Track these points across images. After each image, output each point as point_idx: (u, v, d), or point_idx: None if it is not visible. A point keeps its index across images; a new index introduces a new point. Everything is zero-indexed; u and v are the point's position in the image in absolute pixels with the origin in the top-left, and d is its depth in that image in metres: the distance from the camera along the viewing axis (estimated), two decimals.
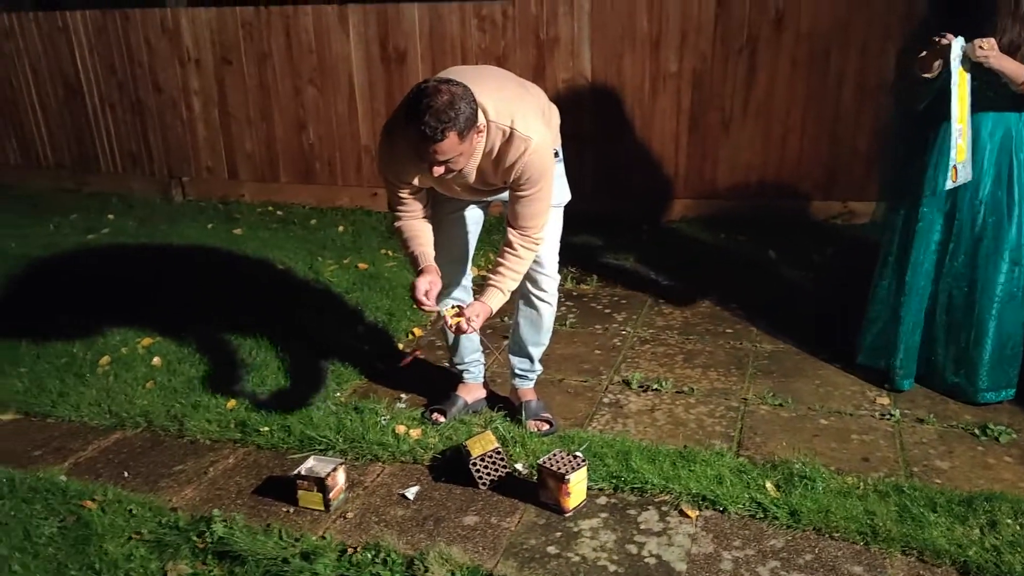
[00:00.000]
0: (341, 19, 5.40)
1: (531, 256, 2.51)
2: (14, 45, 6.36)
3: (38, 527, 2.34)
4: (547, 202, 2.47)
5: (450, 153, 2.20)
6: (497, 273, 2.47)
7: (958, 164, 2.69)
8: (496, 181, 2.46)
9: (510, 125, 2.31)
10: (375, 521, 2.37)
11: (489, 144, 2.35)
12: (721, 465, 2.52)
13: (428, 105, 2.12)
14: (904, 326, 2.97)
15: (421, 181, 2.48)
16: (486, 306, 2.44)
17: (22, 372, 3.34)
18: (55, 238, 5.34)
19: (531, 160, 2.33)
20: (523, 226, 2.45)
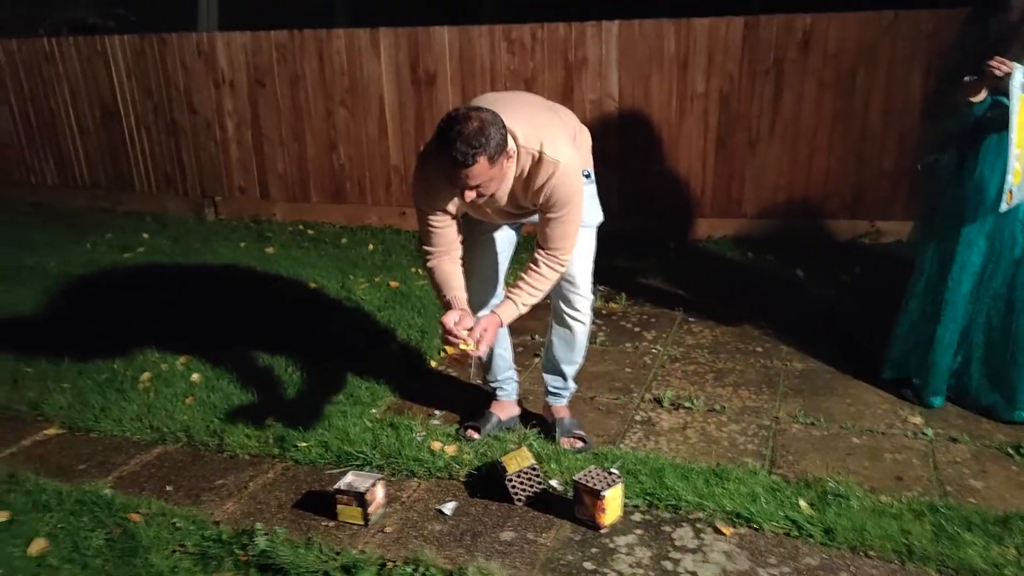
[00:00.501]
0: (373, 42, 5.51)
1: (555, 277, 2.55)
2: (54, 69, 6.54)
3: (86, 539, 2.40)
4: (575, 224, 2.51)
5: (481, 178, 2.27)
6: (517, 287, 2.52)
7: (1014, 187, 2.69)
8: (527, 204, 2.51)
9: (539, 149, 2.38)
10: (413, 535, 2.41)
11: (519, 168, 2.41)
12: (754, 483, 2.54)
13: (459, 132, 2.19)
14: (939, 347, 2.98)
15: (455, 207, 2.54)
16: (496, 318, 2.48)
17: (65, 387, 3.43)
18: (92, 256, 5.47)
19: (559, 183, 2.39)
20: (551, 247, 2.50)
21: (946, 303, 2.94)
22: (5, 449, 3.03)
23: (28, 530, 2.45)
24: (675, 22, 4.93)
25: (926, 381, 3.03)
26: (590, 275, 2.76)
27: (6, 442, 3.08)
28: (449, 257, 2.58)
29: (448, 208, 2.53)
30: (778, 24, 4.78)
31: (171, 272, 5.04)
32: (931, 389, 3.03)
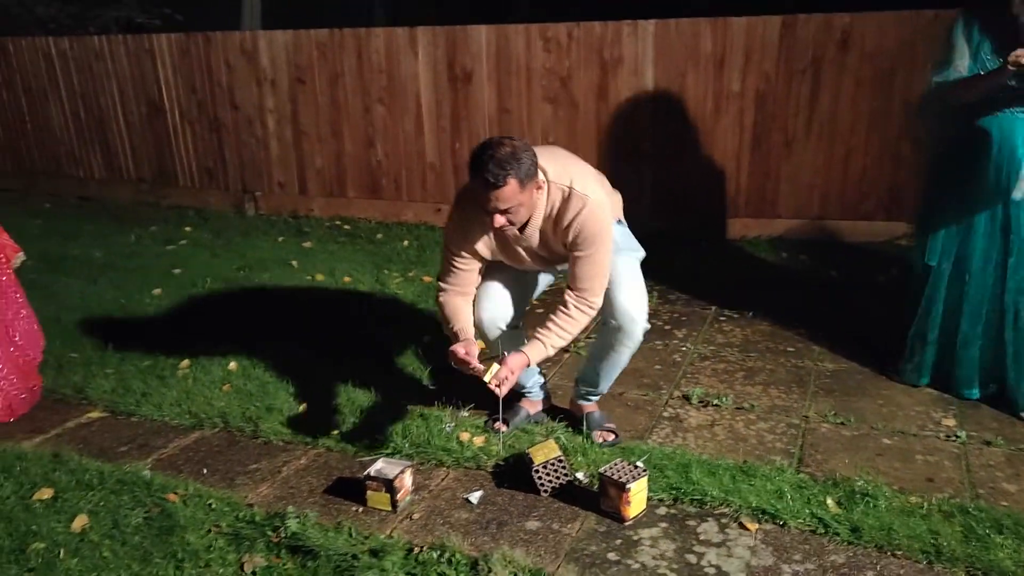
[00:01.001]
0: (411, 40, 5.58)
1: (584, 320, 2.59)
2: (103, 66, 6.72)
3: (126, 517, 2.49)
4: (604, 266, 2.57)
5: (510, 201, 2.35)
6: (546, 328, 2.58)
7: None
8: (557, 245, 2.59)
9: (569, 184, 2.49)
10: (440, 523, 2.45)
11: (550, 204, 2.51)
12: (781, 480, 2.54)
13: (491, 155, 2.31)
14: (964, 340, 2.99)
15: (488, 250, 2.64)
16: (524, 357, 2.53)
17: (108, 373, 3.54)
18: (137, 248, 5.62)
19: (587, 219, 2.48)
20: (579, 288, 2.57)
21: (968, 293, 2.95)
22: (51, 430, 3.15)
23: (71, 507, 2.54)
24: (711, 21, 4.92)
25: (956, 374, 3.04)
26: (646, 304, 2.73)
27: (52, 423, 3.20)
28: (463, 297, 2.70)
29: (479, 249, 2.64)
30: (816, 23, 4.74)
31: (211, 264, 5.15)
32: (962, 381, 3.03)
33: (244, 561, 2.29)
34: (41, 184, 7.49)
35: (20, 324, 3.37)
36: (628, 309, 2.65)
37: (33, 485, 2.67)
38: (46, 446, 2.99)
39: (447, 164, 5.78)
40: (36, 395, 3.35)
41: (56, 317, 4.22)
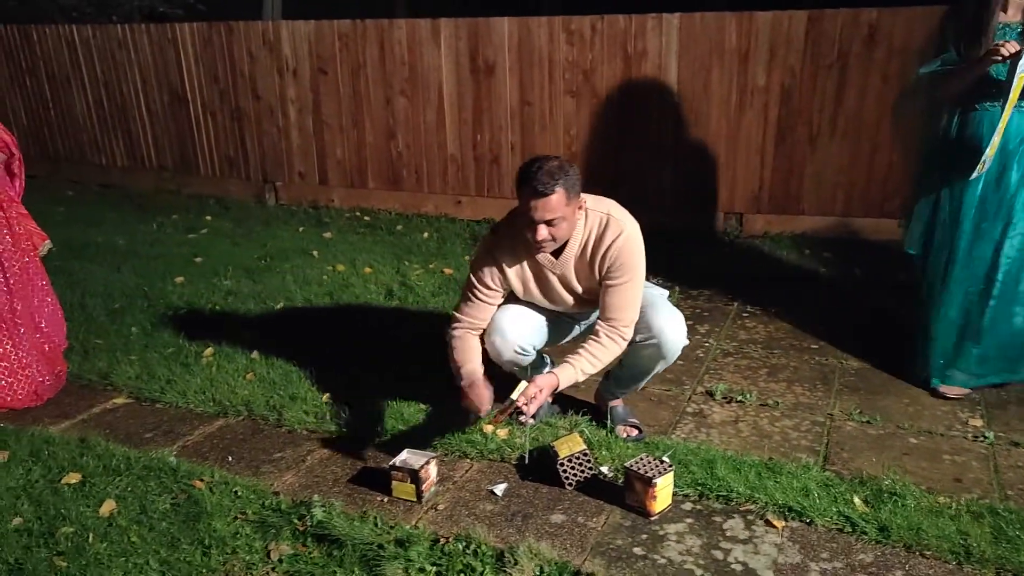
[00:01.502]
0: (434, 32, 5.57)
1: (616, 349, 2.62)
2: (126, 55, 6.75)
3: (153, 503, 2.51)
4: (636, 297, 2.61)
5: (557, 211, 2.42)
6: (577, 354, 2.59)
7: (987, 157, 2.84)
8: (591, 275, 2.62)
9: (607, 212, 2.59)
10: (465, 514, 2.45)
11: (587, 229, 2.57)
12: (807, 478, 2.52)
13: (540, 167, 2.41)
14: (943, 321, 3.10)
15: (521, 282, 2.69)
16: (554, 378, 2.52)
17: (133, 359, 3.56)
18: (159, 235, 5.65)
19: (625, 246, 2.55)
20: (611, 318, 2.60)
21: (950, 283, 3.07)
22: (77, 415, 3.17)
23: (99, 492, 2.57)
24: (737, 15, 4.88)
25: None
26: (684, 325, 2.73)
27: (78, 409, 3.22)
28: (475, 334, 2.73)
29: (510, 278, 2.69)
30: (843, 18, 4.69)
31: (232, 253, 5.17)
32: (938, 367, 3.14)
33: (270, 549, 2.31)
34: (64, 171, 7.54)
35: (45, 311, 3.40)
36: (669, 328, 2.65)
37: (61, 469, 2.70)
38: (73, 431, 3.02)
39: (468, 156, 5.77)
40: (61, 380, 3.39)
41: (81, 303, 4.25)
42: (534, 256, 2.66)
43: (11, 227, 3.24)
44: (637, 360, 2.75)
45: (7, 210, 3.22)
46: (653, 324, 2.65)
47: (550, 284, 2.71)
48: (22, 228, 3.30)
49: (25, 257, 3.29)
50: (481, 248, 2.73)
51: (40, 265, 3.41)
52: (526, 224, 2.49)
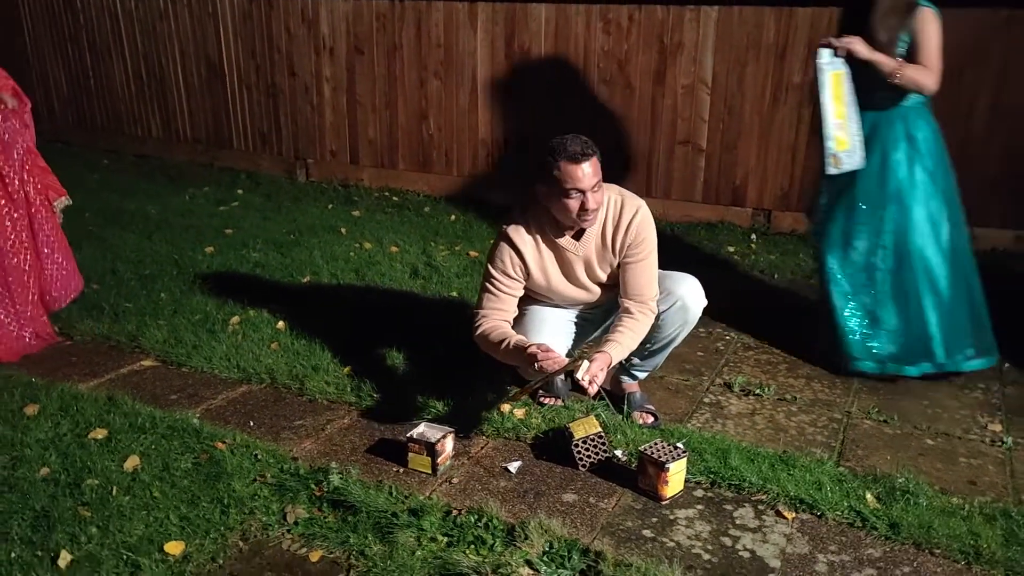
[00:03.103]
0: (471, 15, 5.59)
1: (648, 322, 2.69)
2: (166, 27, 6.84)
3: (175, 461, 2.57)
4: (655, 269, 2.72)
5: (597, 175, 2.50)
6: (616, 331, 2.64)
7: (839, 153, 3.05)
8: (615, 255, 2.69)
9: (619, 194, 2.71)
10: (479, 489, 2.49)
11: (605, 211, 2.64)
12: (821, 472, 2.53)
13: (567, 138, 2.51)
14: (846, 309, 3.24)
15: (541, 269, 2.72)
16: (607, 356, 2.55)
17: (161, 324, 3.63)
18: (190, 206, 5.74)
19: (644, 221, 2.67)
20: (638, 293, 2.68)
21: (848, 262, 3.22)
22: (105, 375, 3.25)
23: (124, 448, 2.64)
24: (776, 10, 4.85)
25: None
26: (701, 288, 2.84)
27: (106, 369, 3.30)
28: (504, 319, 2.73)
29: (530, 266, 2.72)
30: None
31: (262, 226, 5.24)
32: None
33: (287, 511, 2.36)
34: (100, 140, 7.67)
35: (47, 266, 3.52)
36: (689, 291, 2.76)
37: (88, 425, 2.78)
38: (101, 389, 3.10)
39: (500, 141, 5.79)
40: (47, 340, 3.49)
41: (112, 268, 4.34)
42: (555, 241, 2.68)
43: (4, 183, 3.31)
44: (662, 328, 2.79)
45: (3, 162, 3.30)
46: (674, 290, 2.75)
47: (573, 270, 2.73)
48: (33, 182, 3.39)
49: (33, 210, 3.39)
50: (498, 240, 2.75)
51: (55, 220, 3.50)
52: (568, 198, 2.52)
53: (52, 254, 3.52)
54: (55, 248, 3.53)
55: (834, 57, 3.02)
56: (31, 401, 2.93)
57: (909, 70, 2.99)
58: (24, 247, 3.39)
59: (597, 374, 2.46)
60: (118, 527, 2.25)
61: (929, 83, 3.01)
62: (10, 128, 3.33)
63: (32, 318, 3.44)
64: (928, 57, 2.99)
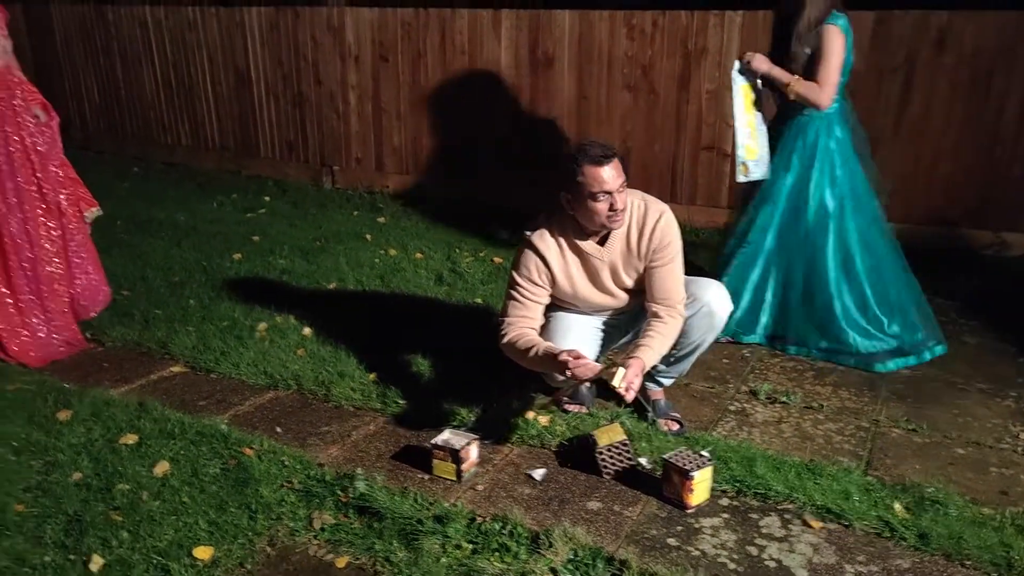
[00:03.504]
0: (495, 22, 5.61)
1: (676, 326, 2.68)
2: (195, 37, 6.94)
3: (204, 466, 2.61)
4: (681, 274, 2.71)
5: (621, 176, 2.51)
6: (647, 336, 2.62)
7: (747, 161, 3.23)
8: (640, 260, 2.69)
9: (641, 198, 2.71)
10: (503, 496, 2.50)
11: (629, 216, 2.66)
12: (848, 481, 2.50)
13: (588, 142, 2.55)
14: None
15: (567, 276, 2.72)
16: (641, 362, 2.52)
17: (190, 331, 3.68)
18: (218, 214, 5.81)
19: (668, 225, 2.67)
20: (665, 298, 2.68)
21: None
22: (136, 381, 3.30)
23: (154, 453, 2.68)
24: None
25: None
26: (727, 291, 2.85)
27: (137, 375, 3.35)
28: (531, 327, 2.72)
29: (556, 274, 2.72)
30: (912, 20, 4.60)
31: (289, 233, 5.30)
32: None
33: (314, 517, 2.38)
34: (130, 148, 7.79)
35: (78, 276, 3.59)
36: (715, 296, 2.76)
37: (120, 430, 2.82)
38: (132, 395, 3.15)
39: (523, 148, 5.80)
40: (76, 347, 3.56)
41: (142, 275, 4.41)
42: (580, 248, 2.68)
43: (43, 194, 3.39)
44: (687, 334, 2.77)
45: (40, 174, 3.37)
46: (700, 295, 2.74)
47: (599, 276, 2.73)
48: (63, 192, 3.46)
49: (65, 220, 3.47)
50: (523, 248, 2.75)
51: (86, 230, 3.57)
52: (595, 200, 2.52)
53: (83, 264, 3.59)
54: (85, 258, 3.60)
55: (745, 70, 3.20)
56: (64, 407, 2.99)
57: (800, 86, 3.14)
58: (57, 257, 3.46)
59: (633, 380, 2.44)
60: (148, 532, 2.28)
61: (819, 99, 3.15)
62: (46, 141, 3.40)
63: (63, 326, 3.51)
64: (823, 73, 3.11)
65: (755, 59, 3.21)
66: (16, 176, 3.29)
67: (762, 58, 3.21)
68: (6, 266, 3.31)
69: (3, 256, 3.30)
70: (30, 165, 3.34)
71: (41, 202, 3.39)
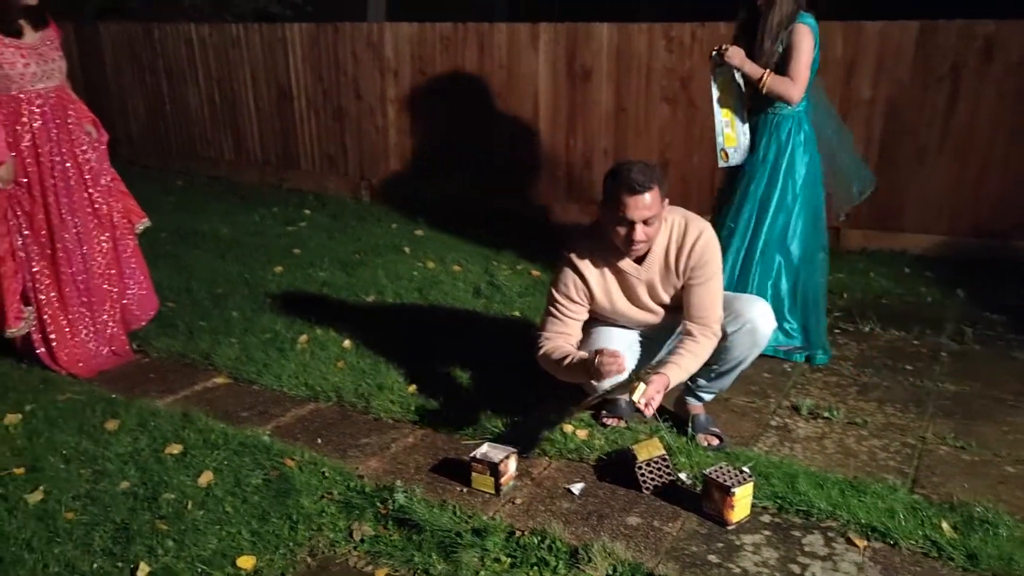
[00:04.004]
0: (532, 36, 5.64)
1: (710, 346, 2.65)
2: (238, 53, 7.09)
3: (247, 477, 2.65)
4: (720, 292, 2.68)
5: (653, 208, 2.48)
6: (677, 353, 2.61)
7: (727, 148, 3.40)
8: (678, 278, 2.67)
9: (683, 216, 2.69)
10: (542, 510, 2.49)
11: (668, 234, 2.66)
12: (894, 499, 2.46)
13: (632, 166, 2.49)
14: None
15: (605, 293, 2.72)
16: (665, 378, 2.51)
17: (233, 342, 3.74)
18: (260, 226, 5.91)
19: (708, 243, 2.65)
20: (701, 316, 2.65)
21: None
22: (180, 391, 3.37)
23: (198, 463, 2.72)
24: (844, 24, 4.77)
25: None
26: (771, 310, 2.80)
27: (181, 386, 3.42)
28: (566, 340, 2.72)
29: (594, 290, 2.71)
30: (958, 29, 4.53)
31: (328, 246, 5.36)
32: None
33: (353, 528, 2.40)
34: (175, 163, 7.96)
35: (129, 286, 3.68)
36: (759, 314, 2.71)
37: (165, 440, 2.88)
38: (176, 405, 3.21)
39: (560, 160, 5.82)
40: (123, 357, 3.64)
41: (187, 287, 4.50)
42: (617, 265, 2.68)
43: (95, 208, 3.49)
44: (730, 350, 2.74)
45: (93, 188, 3.47)
46: (743, 312, 2.70)
47: (636, 293, 2.73)
48: (114, 206, 3.56)
49: (116, 233, 3.57)
50: (561, 264, 2.76)
51: (135, 242, 3.65)
52: (619, 225, 2.53)
53: (133, 275, 3.67)
54: (135, 270, 3.68)
55: (722, 63, 3.31)
56: (112, 416, 3.06)
57: (772, 81, 3.24)
58: (108, 269, 3.55)
59: (654, 396, 2.44)
60: (193, 541, 2.32)
61: (791, 94, 3.25)
62: (98, 157, 3.50)
63: (112, 336, 3.59)
64: (794, 70, 3.22)
65: (730, 51, 3.29)
66: (70, 191, 3.39)
67: (737, 51, 3.29)
68: (58, 278, 3.40)
69: (56, 268, 3.39)
70: (83, 180, 3.44)
71: (93, 216, 3.48)
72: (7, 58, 3.15)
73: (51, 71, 3.30)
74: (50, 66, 3.29)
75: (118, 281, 3.60)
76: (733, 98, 3.39)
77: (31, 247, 3.34)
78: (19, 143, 3.24)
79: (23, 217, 3.31)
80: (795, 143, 3.37)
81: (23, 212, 3.31)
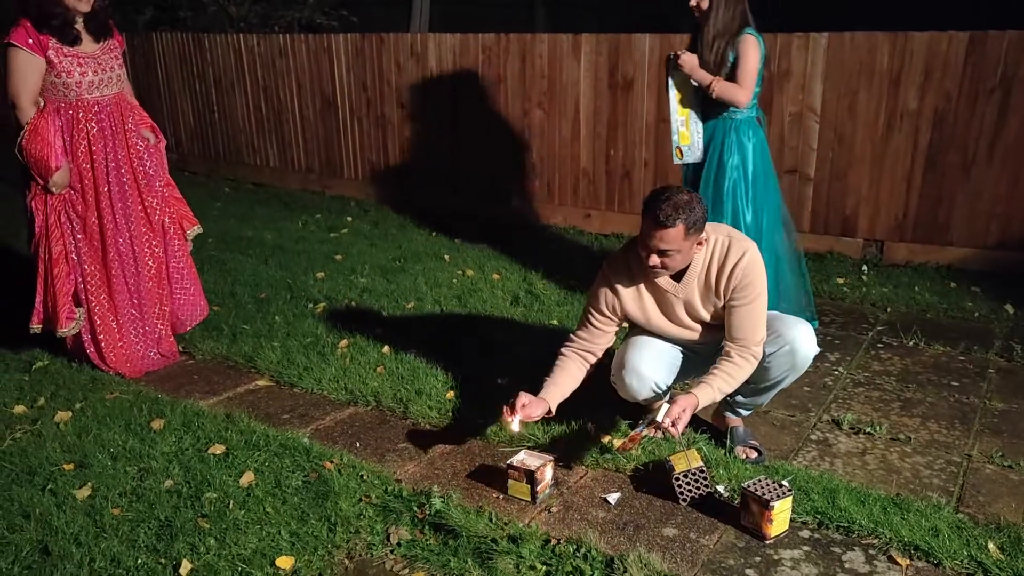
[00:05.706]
0: (574, 47, 5.66)
1: (748, 368, 2.62)
2: (285, 63, 7.22)
3: (287, 478, 2.69)
4: (762, 316, 2.62)
5: (672, 244, 2.46)
6: (712, 374, 2.60)
7: (681, 146, 3.60)
8: (719, 298, 2.64)
9: (727, 236, 2.65)
10: (577, 519, 2.49)
11: (710, 254, 2.61)
12: (938, 518, 2.41)
13: (668, 197, 2.46)
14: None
15: (640, 309, 2.73)
16: (693, 398, 2.51)
17: (275, 346, 3.81)
18: (303, 233, 6.00)
19: (750, 265, 2.58)
20: (741, 337, 2.61)
21: None
22: (223, 393, 3.43)
23: (240, 463, 2.78)
24: (890, 35, 4.70)
25: None
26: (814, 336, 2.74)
27: (225, 387, 3.49)
28: (581, 359, 2.80)
29: (627, 305, 2.73)
30: (1009, 40, 4.43)
31: (370, 253, 5.43)
32: None
33: (390, 532, 2.43)
34: (222, 169, 8.13)
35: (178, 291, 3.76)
36: (801, 336, 2.65)
37: (208, 440, 2.94)
38: (219, 407, 3.27)
39: (600, 170, 5.82)
40: (170, 359, 3.73)
41: (231, 291, 4.58)
42: (655, 282, 2.68)
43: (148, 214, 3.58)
44: (768, 370, 2.71)
45: (147, 194, 3.57)
46: (784, 333, 2.66)
47: (674, 310, 2.72)
48: (167, 211, 3.65)
49: (167, 238, 3.66)
50: (599, 276, 2.79)
51: (186, 247, 3.73)
52: (641, 246, 2.55)
53: (182, 280, 3.75)
54: (184, 274, 3.77)
55: (677, 67, 3.50)
56: (158, 416, 3.13)
57: (722, 86, 3.43)
58: (159, 273, 3.64)
59: (679, 416, 2.44)
60: (234, 540, 2.37)
61: (739, 98, 3.45)
62: (154, 163, 3.60)
63: (160, 338, 3.68)
64: (742, 76, 3.43)
65: (685, 59, 3.47)
66: (124, 197, 3.48)
67: (690, 57, 3.47)
68: (110, 281, 3.50)
69: (108, 272, 3.49)
70: (137, 186, 3.53)
71: (146, 221, 3.57)
72: (64, 66, 3.25)
73: (109, 79, 3.40)
74: (108, 75, 3.39)
75: (167, 285, 3.69)
76: (689, 98, 3.59)
77: (83, 250, 3.44)
78: (75, 149, 3.35)
79: (77, 221, 3.41)
80: (754, 146, 3.56)
81: (77, 216, 3.41)
